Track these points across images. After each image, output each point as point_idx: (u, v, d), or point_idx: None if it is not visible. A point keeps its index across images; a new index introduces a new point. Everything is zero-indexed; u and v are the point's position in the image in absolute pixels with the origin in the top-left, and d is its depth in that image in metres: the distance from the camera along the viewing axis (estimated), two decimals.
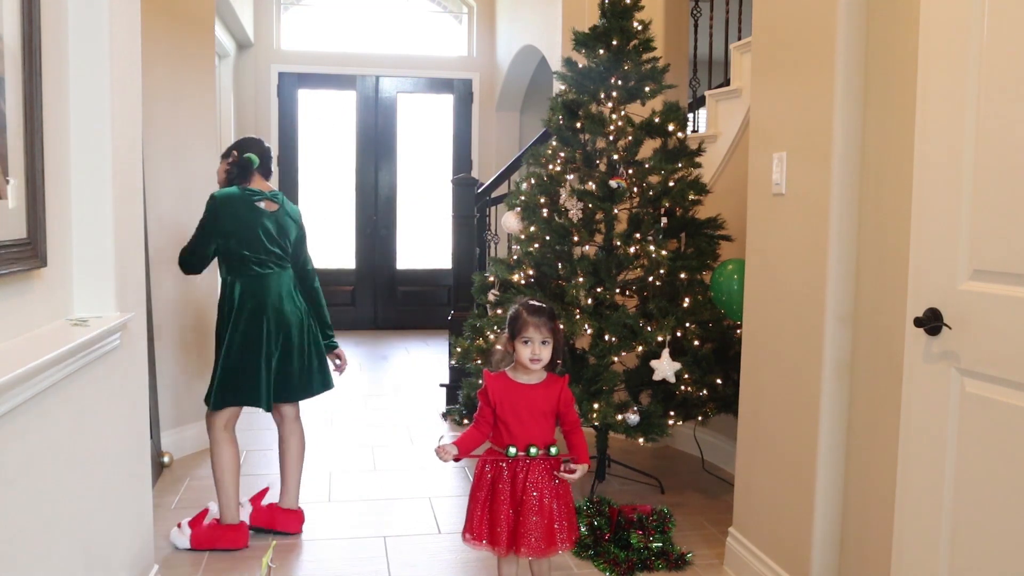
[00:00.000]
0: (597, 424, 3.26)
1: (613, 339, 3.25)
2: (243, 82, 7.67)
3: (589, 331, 3.25)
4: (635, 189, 3.41)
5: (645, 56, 3.51)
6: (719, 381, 3.32)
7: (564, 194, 3.48)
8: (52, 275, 1.95)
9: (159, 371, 3.89)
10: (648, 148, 3.58)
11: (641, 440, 3.26)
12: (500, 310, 3.56)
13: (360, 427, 4.70)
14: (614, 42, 3.44)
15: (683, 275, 3.36)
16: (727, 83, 4.40)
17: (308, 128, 7.99)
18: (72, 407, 1.88)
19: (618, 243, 3.37)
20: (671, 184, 3.38)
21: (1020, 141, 1.67)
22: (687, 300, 3.35)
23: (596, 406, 3.18)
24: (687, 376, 3.29)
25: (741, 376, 2.85)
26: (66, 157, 2.06)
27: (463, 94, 8.24)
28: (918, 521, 1.93)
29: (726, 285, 3.24)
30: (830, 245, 2.31)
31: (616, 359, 3.34)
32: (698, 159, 3.50)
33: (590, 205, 3.41)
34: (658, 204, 3.40)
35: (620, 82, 3.45)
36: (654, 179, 3.42)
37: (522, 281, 3.51)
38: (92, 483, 2.02)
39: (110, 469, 2.16)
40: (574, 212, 3.45)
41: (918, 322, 1.88)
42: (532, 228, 3.49)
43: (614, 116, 3.43)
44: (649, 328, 3.25)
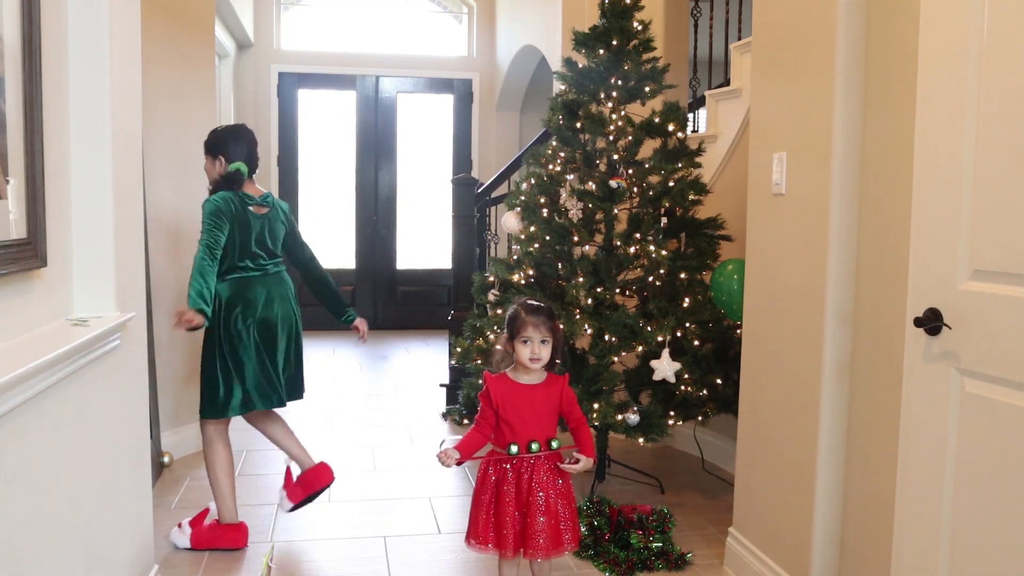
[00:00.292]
0: (597, 424, 3.26)
1: (613, 339, 3.25)
2: (243, 82, 7.67)
3: (589, 331, 3.25)
4: (635, 189, 3.41)
5: (645, 56, 3.51)
6: (719, 381, 3.33)
7: (564, 194, 3.48)
8: (52, 275, 1.95)
9: (159, 371, 3.89)
10: (648, 148, 3.58)
11: (641, 440, 3.26)
12: (500, 310, 3.55)
13: (360, 427, 4.70)
14: (614, 42, 3.44)
15: (683, 275, 3.36)
16: (727, 83, 4.40)
17: (308, 128, 7.99)
18: (72, 407, 1.88)
19: (618, 243, 3.37)
20: (671, 184, 3.39)
21: (1020, 141, 1.67)
22: (687, 300, 3.35)
23: (596, 406, 3.18)
24: (687, 376, 3.29)
25: (741, 376, 2.85)
26: (66, 157, 2.06)
27: (463, 94, 8.24)
28: (918, 521, 1.93)
29: (726, 285, 3.24)
30: (830, 245, 2.31)
31: (616, 359, 3.34)
32: (698, 159, 3.50)
33: (590, 205, 3.41)
34: (658, 204, 3.40)
35: (620, 82, 3.45)
36: (654, 179, 3.42)
37: (522, 281, 3.51)
38: (92, 483, 2.02)
39: (110, 469, 2.16)
40: (574, 212, 3.45)
41: (918, 322, 1.88)
42: (532, 228, 3.49)
43: (614, 116, 3.43)
44: (649, 328, 3.25)
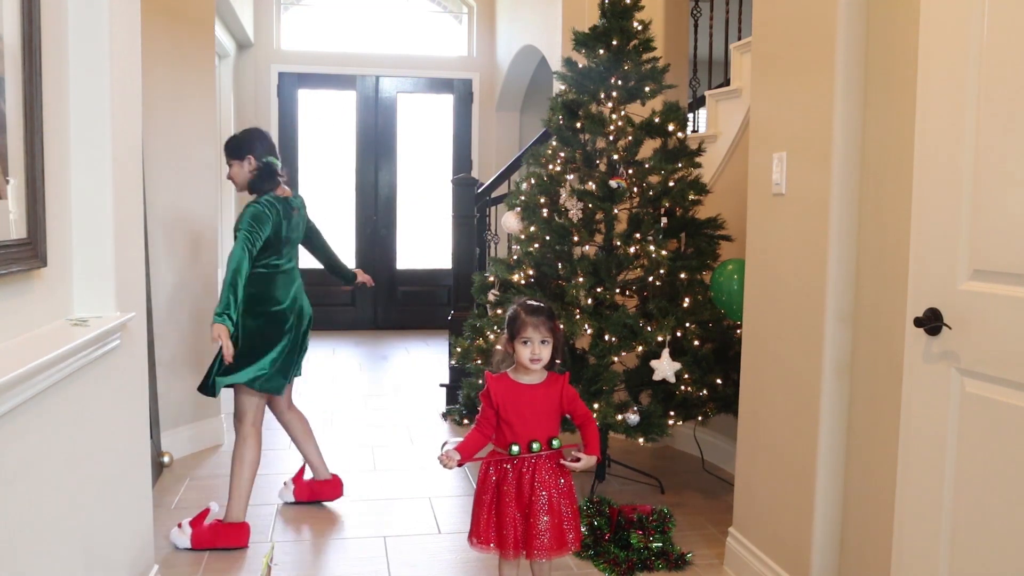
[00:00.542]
0: (597, 424, 3.26)
1: (613, 339, 3.25)
2: (243, 82, 7.67)
3: (589, 331, 3.25)
4: (635, 189, 3.41)
5: (645, 56, 3.51)
6: (719, 381, 3.32)
7: (564, 194, 3.48)
8: (52, 275, 1.95)
9: (159, 371, 3.89)
10: (648, 148, 3.58)
11: (641, 440, 3.26)
12: (500, 310, 3.56)
13: (360, 427, 4.70)
14: (614, 42, 3.44)
15: (683, 275, 3.36)
16: (727, 83, 4.40)
17: (308, 128, 7.99)
18: (72, 407, 1.88)
19: (618, 243, 3.37)
20: (671, 184, 3.38)
21: (1020, 141, 1.67)
22: (687, 300, 3.35)
23: (596, 406, 3.18)
24: (687, 376, 3.29)
25: (741, 376, 2.85)
26: (66, 157, 2.06)
27: (463, 94, 8.24)
28: (918, 521, 1.93)
29: (726, 285, 3.24)
30: (830, 245, 2.31)
31: (616, 359, 3.34)
32: (698, 159, 3.50)
33: (590, 205, 3.41)
34: (658, 204, 3.40)
35: (620, 82, 3.45)
36: (654, 179, 3.42)
37: (522, 281, 3.51)
38: (92, 483, 2.02)
39: (110, 469, 2.16)
40: (574, 212, 3.45)
41: (918, 322, 1.88)
42: (532, 228, 3.49)
43: (614, 116, 3.43)
44: (649, 328, 3.25)
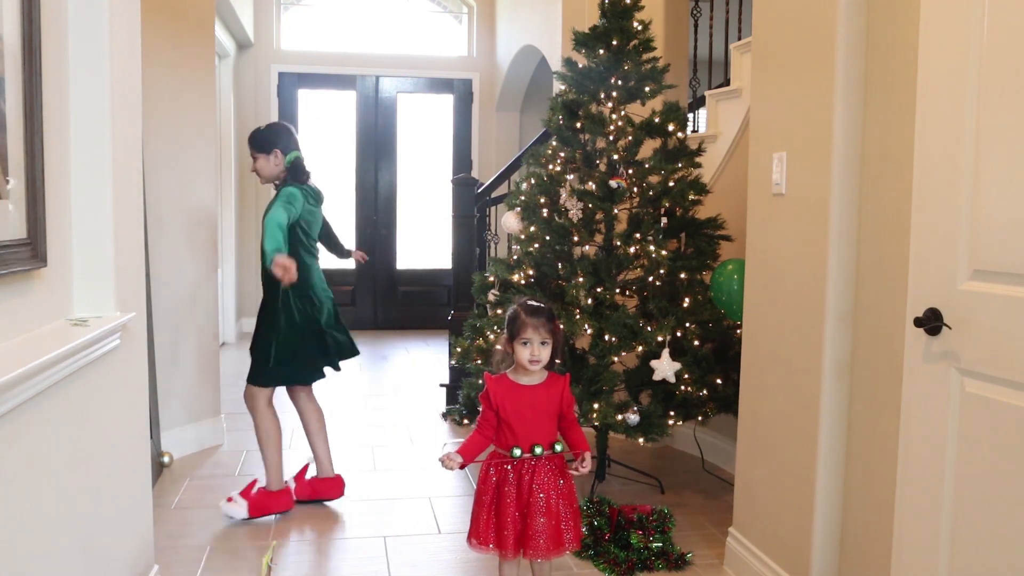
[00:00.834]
0: (597, 424, 3.26)
1: (613, 339, 3.25)
2: (243, 82, 7.67)
3: (589, 331, 3.25)
4: (635, 189, 3.41)
5: (645, 56, 3.51)
6: (719, 381, 3.32)
7: (564, 194, 3.48)
8: (52, 275, 1.95)
9: (159, 371, 3.89)
10: (648, 148, 3.58)
11: (641, 440, 3.26)
12: (500, 310, 3.56)
13: (360, 427, 4.70)
14: (614, 42, 3.44)
15: (683, 275, 3.36)
16: (727, 83, 4.40)
17: (308, 128, 7.99)
18: (72, 407, 1.88)
19: (618, 243, 3.37)
20: (671, 184, 3.38)
21: (1020, 141, 1.67)
22: (687, 300, 3.35)
23: (596, 406, 3.18)
24: (687, 376, 3.29)
25: (741, 376, 2.85)
26: (66, 157, 2.06)
27: (463, 94, 8.24)
28: (918, 521, 1.93)
29: (726, 285, 3.24)
30: (830, 245, 2.31)
31: (616, 359, 3.34)
32: (698, 159, 3.50)
33: (590, 205, 3.41)
34: (658, 204, 3.40)
35: (620, 82, 3.45)
36: (654, 179, 3.42)
37: (522, 281, 3.51)
38: (92, 483, 2.02)
39: (110, 469, 2.16)
40: (574, 212, 3.45)
41: (918, 322, 1.88)
42: (532, 228, 3.49)
43: (614, 116, 3.43)
44: (649, 328, 3.25)
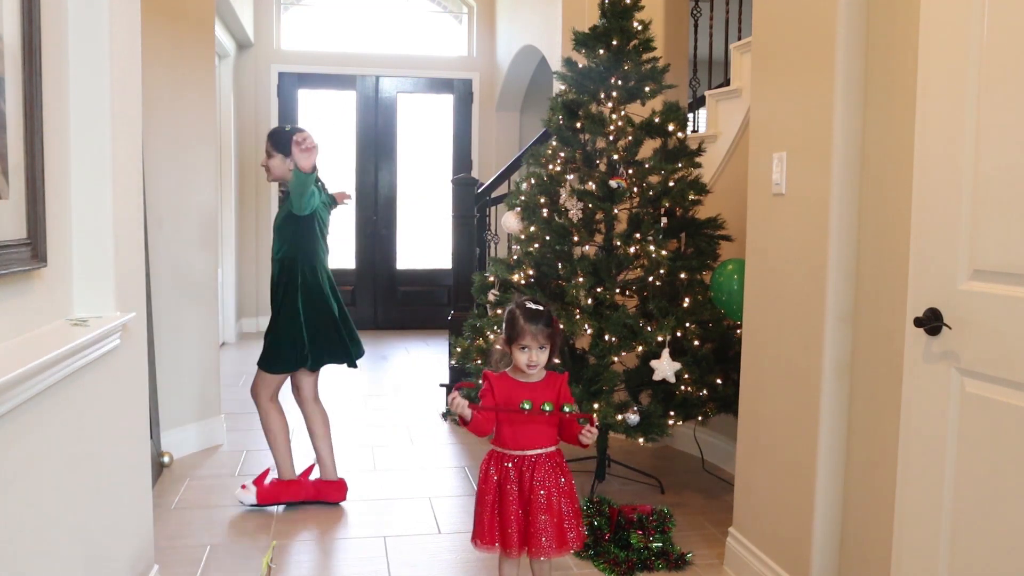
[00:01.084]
0: (597, 424, 3.25)
1: (613, 339, 3.25)
2: (243, 82, 7.66)
3: (589, 331, 3.25)
4: (635, 189, 3.41)
5: (645, 56, 3.51)
6: (719, 381, 3.32)
7: (564, 194, 3.48)
8: (52, 275, 1.95)
9: (159, 371, 3.89)
10: (648, 148, 3.58)
11: (641, 440, 3.26)
12: (500, 310, 3.55)
13: (360, 427, 4.70)
14: (614, 42, 3.44)
15: (683, 275, 3.36)
16: (727, 83, 4.40)
17: (308, 128, 7.97)
18: (72, 407, 1.88)
19: (618, 243, 3.37)
20: (671, 184, 3.38)
21: (1020, 141, 1.67)
22: (687, 300, 3.35)
23: (596, 406, 3.18)
24: (687, 376, 3.29)
25: (741, 376, 2.85)
26: (66, 157, 2.06)
27: (463, 94, 8.24)
28: (918, 521, 1.93)
29: (726, 285, 3.24)
30: (830, 245, 2.31)
31: (616, 359, 3.34)
32: (698, 159, 3.50)
33: (590, 205, 3.41)
34: (658, 204, 3.40)
35: (620, 82, 3.45)
36: (654, 179, 3.42)
37: (522, 281, 3.51)
38: (92, 483, 2.02)
39: (110, 469, 2.16)
40: (574, 212, 3.45)
41: (918, 322, 1.88)
42: (532, 228, 3.49)
43: (614, 116, 3.43)
44: (649, 328, 3.25)
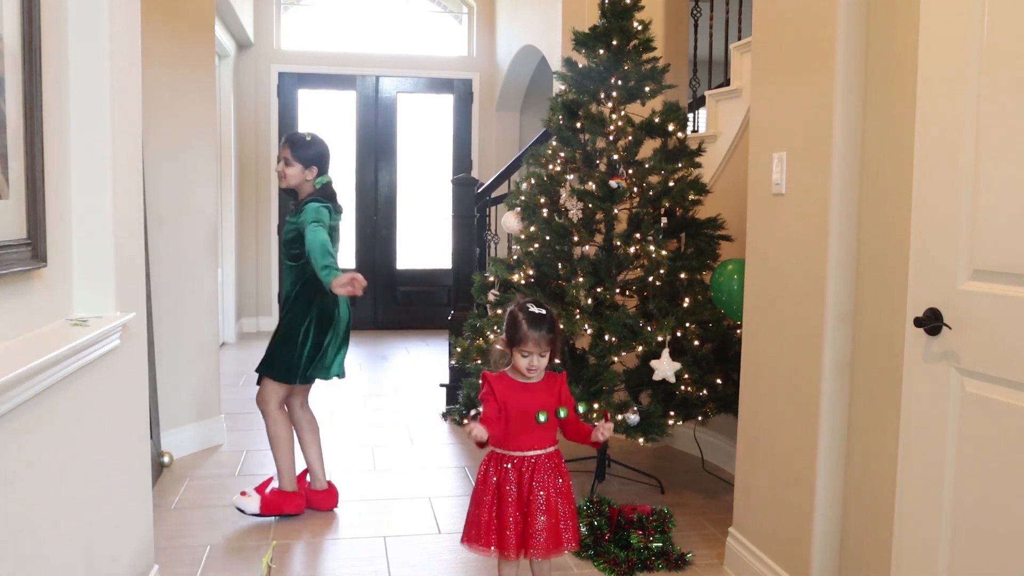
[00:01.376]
0: (597, 425, 3.25)
1: (613, 339, 3.25)
2: (243, 82, 7.66)
3: (589, 331, 3.25)
4: (635, 189, 3.41)
5: (645, 56, 3.51)
6: (719, 381, 3.32)
7: (564, 194, 3.48)
8: (52, 275, 1.95)
9: (159, 371, 3.89)
10: (648, 148, 3.58)
11: (641, 440, 3.26)
12: (500, 310, 3.56)
13: (360, 427, 4.70)
14: (614, 42, 3.44)
15: (683, 275, 3.36)
16: (727, 83, 4.40)
17: (308, 128, 7.98)
18: (72, 407, 1.88)
19: (618, 243, 3.37)
20: (671, 184, 3.38)
21: (1020, 141, 1.67)
22: (687, 300, 3.35)
23: (596, 406, 3.18)
24: (687, 376, 3.29)
25: (741, 376, 2.85)
26: (66, 157, 2.06)
27: (463, 94, 8.24)
28: (918, 521, 1.93)
29: (726, 285, 3.24)
30: (830, 245, 2.31)
31: (616, 359, 3.34)
32: (698, 159, 3.50)
33: (590, 205, 3.41)
34: (658, 204, 3.40)
35: (620, 82, 3.45)
36: (654, 179, 3.42)
37: (522, 281, 3.51)
38: (92, 483, 2.02)
39: (110, 469, 2.16)
40: (574, 212, 3.45)
41: (918, 322, 1.88)
42: (532, 228, 3.49)
43: (614, 116, 3.43)
44: (649, 328, 3.25)
